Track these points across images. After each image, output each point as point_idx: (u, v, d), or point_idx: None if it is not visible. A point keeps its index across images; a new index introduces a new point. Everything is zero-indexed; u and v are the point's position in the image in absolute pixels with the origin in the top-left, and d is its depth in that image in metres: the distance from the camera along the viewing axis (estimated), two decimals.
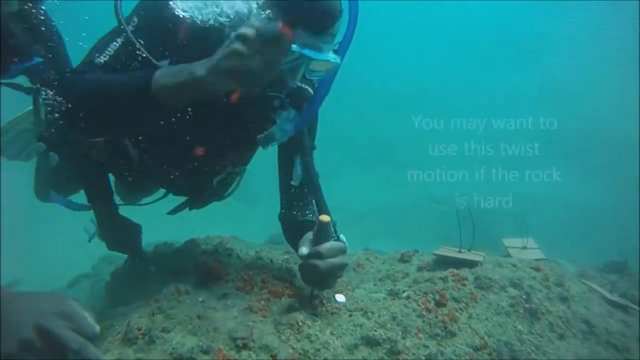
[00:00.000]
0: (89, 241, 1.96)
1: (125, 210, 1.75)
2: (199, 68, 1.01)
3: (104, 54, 1.17)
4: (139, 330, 0.84)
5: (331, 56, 1.16)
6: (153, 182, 1.71)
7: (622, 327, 1.57)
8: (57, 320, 0.77)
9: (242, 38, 0.96)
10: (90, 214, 1.95)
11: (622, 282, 1.99)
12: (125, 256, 1.96)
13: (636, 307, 1.79)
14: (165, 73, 1.05)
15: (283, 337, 0.92)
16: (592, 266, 2.49)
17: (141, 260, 1.81)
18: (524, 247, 2.21)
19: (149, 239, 2.15)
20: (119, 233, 1.78)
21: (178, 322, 0.84)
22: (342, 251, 1.14)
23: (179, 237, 2.18)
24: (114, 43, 1.19)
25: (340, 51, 1.22)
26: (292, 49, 1.07)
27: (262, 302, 1.11)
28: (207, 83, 1.00)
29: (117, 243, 1.81)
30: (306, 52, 1.10)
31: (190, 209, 1.80)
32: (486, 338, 1.19)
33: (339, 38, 1.23)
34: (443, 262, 1.71)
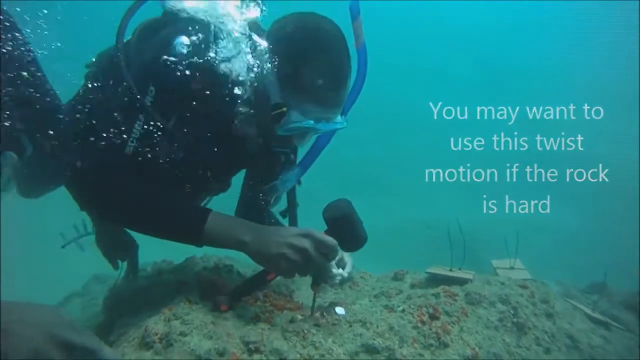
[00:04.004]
0: (63, 247, 1.97)
1: None
2: (252, 244, 1.07)
3: (131, 139, 1.12)
4: (156, 334, 0.89)
5: (339, 123, 1.24)
6: None
7: (602, 342, 1.66)
8: (68, 329, 0.81)
9: (301, 250, 1.04)
10: (73, 220, 1.96)
11: (602, 301, 2.09)
12: (117, 273, 1.99)
13: (616, 324, 1.88)
14: (217, 228, 1.08)
15: (290, 343, 0.99)
16: (575, 287, 2.59)
17: (136, 272, 1.85)
18: (512, 268, 2.31)
19: (143, 259, 2.18)
20: (116, 240, 1.82)
21: (195, 327, 0.90)
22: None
23: (172, 257, 2.22)
24: (138, 122, 1.13)
25: (345, 110, 1.28)
26: (306, 124, 1.16)
27: (267, 314, 1.17)
28: (253, 257, 1.09)
29: (114, 250, 1.85)
30: (320, 126, 1.19)
31: None
32: (477, 349, 1.26)
33: None
34: (435, 280, 1.79)
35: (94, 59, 1.59)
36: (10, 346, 0.75)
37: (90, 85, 1.46)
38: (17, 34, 1.28)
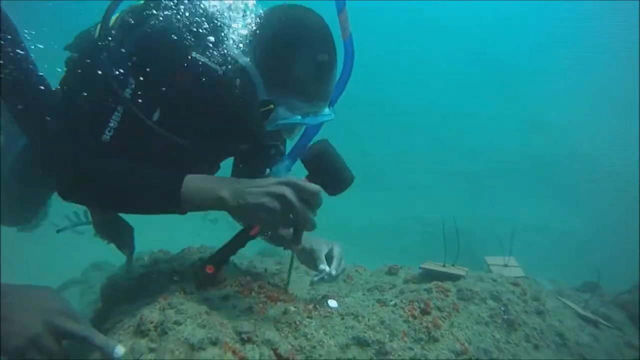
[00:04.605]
0: (58, 232, 1.99)
1: None
2: (230, 198, 1.02)
3: (108, 129, 1.13)
4: (151, 323, 0.92)
5: (327, 115, 1.21)
6: None
7: (591, 340, 1.69)
8: (62, 317, 0.83)
9: (279, 197, 0.99)
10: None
11: (594, 300, 2.12)
12: (117, 260, 2.02)
13: (606, 323, 1.91)
14: (193, 189, 1.06)
15: (282, 334, 1.01)
16: (569, 286, 2.62)
17: (130, 257, 1.88)
18: (505, 265, 2.33)
19: (140, 247, 2.20)
20: (111, 225, 1.84)
21: (189, 316, 0.92)
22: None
23: (169, 247, 2.24)
24: (116, 113, 1.14)
25: (332, 101, 1.25)
26: (294, 120, 1.14)
27: (261, 305, 1.19)
28: (233, 211, 1.05)
29: (107, 232, 1.87)
30: (308, 121, 1.17)
31: None
32: (466, 344, 1.28)
33: None
34: (428, 276, 1.81)
35: (73, 41, 1.56)
36: (7, 331, 0.77)
37: (71, 73, 1.46)
38: (8, 25, 1.28)
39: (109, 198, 1.15)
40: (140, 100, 1.15)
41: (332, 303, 1.28)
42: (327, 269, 1.29)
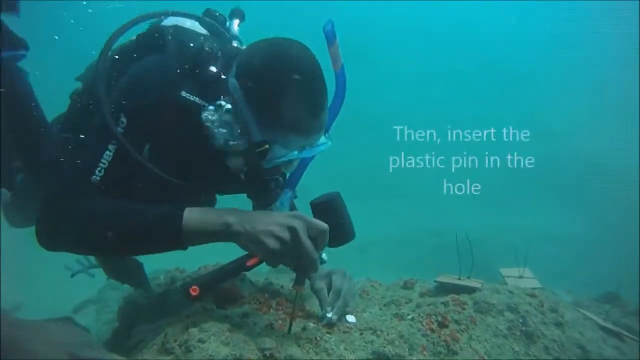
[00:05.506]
0: (72, 277, 2.01)
1: None
2: (237, 224, 1.00)
3: (98, 168, 1.08)
4: (175, 341, 0.94)
5: (323, 144, 1.20)
6: None
7: (615, 353, 1.66)
8: (84, 347, 0.86)
9: (290, 228, 0.98)
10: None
11: (614, 311, 2.08)
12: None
13: (630, 335, 1.87)
14: (196, 220, 1.01)
15: (304, 350, 1.03)
16: (587, 297, 2.58)
17: (149, 288, 1.88)
18: (521, 277, 2.31)
19: (154, 266, 2.22)
20: (119, 264, 1.83)
21: (212, 334, 0.94)
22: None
23: (185, 265, 2.26)
24: (107, 152, 1.09)
25: (327, 128, 1.23)
26: (291, 157, 1.14)
27: (280, 322, 1.21)
28: (238, 238, 1.01)
29: (118, 274, 1.87)
30: (304, 153, 1.17)
31: None
32: (486, 357, 1.28)
33: None
34: (444, 289, 1.81)
35: (83, 71, 1.57)
36: None
37: (72, 107, 1.48)
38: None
39: (94, 243, 1.07)
40: (131, 137, 1.12)
41: (351, 318, 1.29)
42: (329, 315, 1.24)
